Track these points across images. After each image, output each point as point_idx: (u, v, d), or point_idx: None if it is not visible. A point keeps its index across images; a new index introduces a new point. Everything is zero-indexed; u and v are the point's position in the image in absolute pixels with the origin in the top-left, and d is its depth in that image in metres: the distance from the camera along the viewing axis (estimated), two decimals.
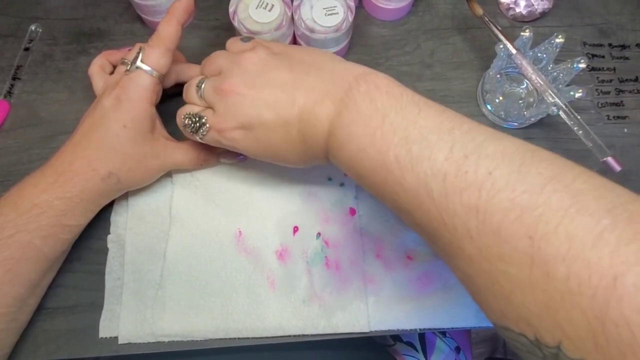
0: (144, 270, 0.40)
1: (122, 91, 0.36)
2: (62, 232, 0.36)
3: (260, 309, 0.39)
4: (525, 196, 0.22)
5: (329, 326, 0.39)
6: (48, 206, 0.34)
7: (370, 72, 0.32)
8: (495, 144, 0.25)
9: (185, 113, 0.36)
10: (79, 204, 0.36)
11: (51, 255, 0.36)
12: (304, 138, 0.32)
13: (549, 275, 0.21)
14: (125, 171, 0.37)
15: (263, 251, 0.41)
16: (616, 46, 0.50)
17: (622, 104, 0.48)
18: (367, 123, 0.28)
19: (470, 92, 0.48)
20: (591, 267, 0.20)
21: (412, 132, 0.27)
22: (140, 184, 0.40)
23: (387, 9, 0.48)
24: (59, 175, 0.35)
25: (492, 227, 0.23)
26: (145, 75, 0.36)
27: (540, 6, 0.49)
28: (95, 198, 0.37)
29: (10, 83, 0.46)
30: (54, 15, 0.50)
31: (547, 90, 0.41)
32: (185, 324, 0.39)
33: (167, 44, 0.37)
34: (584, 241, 0.20)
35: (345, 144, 0.30)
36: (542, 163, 0.24)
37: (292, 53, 0.34)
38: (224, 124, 0.34)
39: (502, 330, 0.24)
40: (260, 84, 0.32)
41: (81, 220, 0.37)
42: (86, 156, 0.36)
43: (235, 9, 0.43)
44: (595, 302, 0.19)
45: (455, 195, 0.24)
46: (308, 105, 0.31)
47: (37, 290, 0.37)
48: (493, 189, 0.23)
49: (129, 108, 0.36)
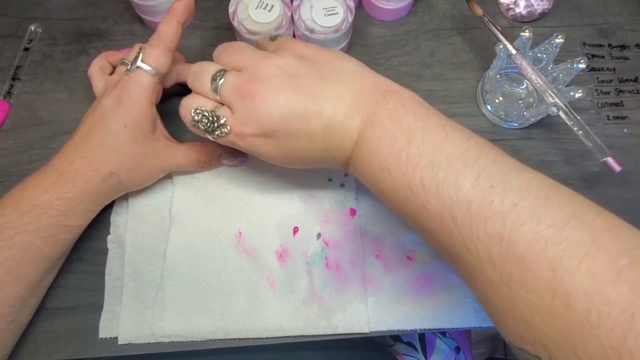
0: (144, 270, 0.40)
1: (122, 91, 0.36)
2: (63, 233, 0.36)
3: (260, 310, 0.39)
4: (550, 230, 0.23)
5: (328, 327, 0.39)
6: (49, 206, 0.34)
7: (397, 89, 0.32)
8: (520, 177, 0.26)
9: (197, 108, 0.33)
10: (79, 205, 0.36)
11: (52, 255, 0.36)
12: (327, 147, 0.32)
13: (570, 306, 0.22)
14: (126, 171, 0.37)
15: (263, 252, 0.41)
16: (616, 46, 0.50)
17: (622, 104, 0.48)
18: (393, 143, 0.28)
19: (470, 92, 0.48)
20: (611, 303, 0.21)
21: (438, 157, 0.27)
22: (141, 185, 0.40)
23: (386, 9, 0.48)
24: (59, 176, 0.35)
25: (516, 255, 0.24)
26: (145, 75, 0.36)
27: (540, 6, 0.49)
28: (96, 198, 0.37)
29: (10, 83, 0.46)
30: (54, 15, 0.50)
31: (547, 90, 0.41)
32: (185, 325, 0.39)
33: (168, 44, 0.36)
34: (605, 278, 0.22)
35: (369, 160, 0.30)
36: (563, 199, 0.25)
37: (320, 57, 0.33)
38: (246, 129, 0.32)
39: (517, 350, 0.25)
40: (290, 91, 0.31)
41: (82, 220, 0.37)
42: (87, 156, 0.35)
43: (235, 9, 0.43)
44: (614, 334, 0.21)
45: (479, 222, 0.25)
46: (336, 117, 0.31)
47: (37, 291, 0.37)
48: (518, 220, 0.24)
49: (130, 108, 0.36)
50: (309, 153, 0.32)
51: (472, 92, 0.48)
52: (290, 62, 0.32)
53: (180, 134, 0.43)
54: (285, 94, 0.31)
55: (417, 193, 0.27)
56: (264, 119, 0.31)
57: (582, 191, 0.44)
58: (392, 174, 0.28)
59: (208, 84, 0.33)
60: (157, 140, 0.38)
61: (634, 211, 0.44)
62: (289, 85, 0.31)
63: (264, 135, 0.32)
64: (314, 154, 0.33)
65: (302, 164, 0.34)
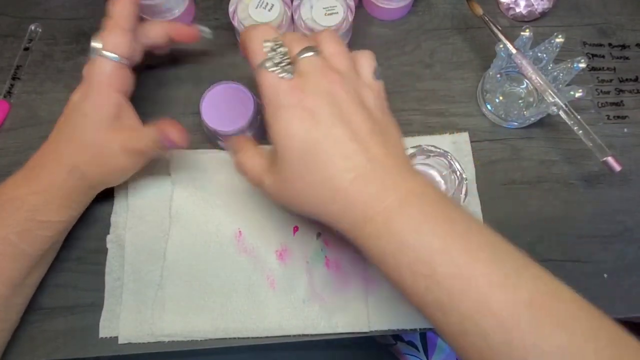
0: (144, 270, 0.40)
1: (85, 82, 0.36)
2: (40, 229, 0.35)
3: (260, 309, 0.39)
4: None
5: (329, 326, 0.39)
6: (22, 201, 0.34)
7: (419, 194, 0.28)
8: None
9: (272, 39, 0.30)
10: (50, 200, 0.35)
11: (32, 252, 0.35)
12: (353, 179, 0.28)
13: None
14: (87, 163, 0.36)
15: (263, 251, 0.41)
16: (616, 46, 0.50)
17: (622, 103, 0.48)
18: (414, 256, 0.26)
19: (470, 92, 0.48)
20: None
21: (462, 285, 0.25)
22: (112, 179, 0.39)
23: (387, 8, 0.48)
24: (30, 170, 0.36)
25: None
26: (105, 62, 0.35)
27: (540, 6, 0.49)
28: (65, 193, 0.36)
29: (10, 83, 0.46)
30: (54, 15, 0.50)
31: (547, 90, 0.41)
32: (185, 324, 0.39)
33: (122, 24, 0.35)
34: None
35: (379, 254, 0.28)
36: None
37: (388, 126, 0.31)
38: (303, 94, 0.29)
39: None
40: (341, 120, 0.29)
41: (58, 216, 0.36)
42: (54, 150, 0.36)
43: (235, 9, 0.43)
44: None
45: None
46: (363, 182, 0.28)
47: (23, 290, 0.36)
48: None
49: (92, 96, 0.35)
50: (332, 172, 0.28)
51: (472, 91, 0.48)
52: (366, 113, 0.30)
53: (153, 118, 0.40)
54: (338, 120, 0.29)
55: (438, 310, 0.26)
56: (326, 98, 0.29)
57: (582, 191, 0.44)
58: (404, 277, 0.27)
59: (296, 41, 0.31)
60: (121, 127, 0.36)
61: (634, 211, 0.44)
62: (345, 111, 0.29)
63: (309, 111, 0.28)
64: (336, 175, 0.28)
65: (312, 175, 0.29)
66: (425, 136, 0.45)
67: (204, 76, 0.47)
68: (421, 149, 0.41)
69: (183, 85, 0.47)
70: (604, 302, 0.25)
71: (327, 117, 0.28)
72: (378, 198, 0.27)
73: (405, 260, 0.26)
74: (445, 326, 0.26)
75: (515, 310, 0.23)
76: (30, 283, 0.37)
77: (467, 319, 0.24)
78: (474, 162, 0.44)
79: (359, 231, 0.28)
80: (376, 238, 0.27)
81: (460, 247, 0.26)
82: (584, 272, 0.42)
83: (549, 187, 0.44)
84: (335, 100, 0.29)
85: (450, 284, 0.25)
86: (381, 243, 0.27)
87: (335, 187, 0.28)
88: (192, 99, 0.45)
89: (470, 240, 0.26)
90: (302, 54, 0.30)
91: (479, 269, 0.25)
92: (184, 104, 0.46)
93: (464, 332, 0.25)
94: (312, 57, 0.30)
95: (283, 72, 0.29)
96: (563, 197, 0.44)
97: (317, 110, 0.28)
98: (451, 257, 0.25)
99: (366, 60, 0.33)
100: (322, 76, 0.29)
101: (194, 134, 0.45)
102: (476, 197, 0.43)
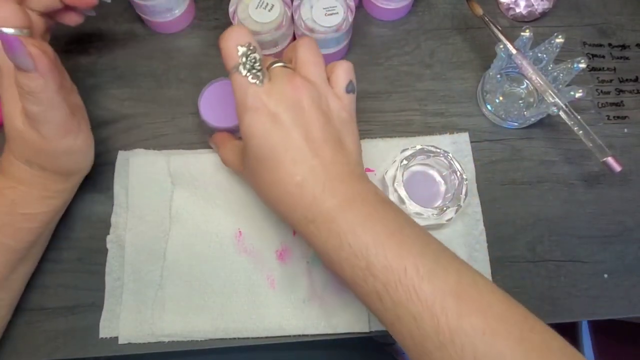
0: (144, 270, 0.40)
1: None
2: (21, 221, 0.35)
3: (261, 309, 0.39)
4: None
5: (329, 326, 0.39)
6: (0, 195, 0.35)
7: (358, 198, 0.31)
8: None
9: (247, 44, 0.31)
10: (27, 191, 0.35)
11: (17, 246, 0.35)
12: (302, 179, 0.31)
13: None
14: (35, 156, 0.35)
15: (263, 251, 0.41)
16: (616, 46, 0.50)
17: (622, 104, 0.48)
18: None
19: (470, 92, 0.48)
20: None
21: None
22: (68, 164, 0.37)
23: (387, 9, 0.48)
24: (1, 165, 0.36)
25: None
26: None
27: (540, 6, 0.49)
28: (40, 184, 0.36)
29: None
30: None
31: (547, 90, 0.41)
32: (185, 324, 0.39)
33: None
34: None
35: (322, 250, 0.30)
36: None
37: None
38: (267, 98, 0.30)
39: None
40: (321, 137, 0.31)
41: (40, 208, 0.36)
42: (7, 147, 0.35)
43: (235, 9, 0.43)
44: None
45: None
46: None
47: (10, 284, 0.36)
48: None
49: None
50: (281, 175, 0.31)
51: (472, 91, 0.48)
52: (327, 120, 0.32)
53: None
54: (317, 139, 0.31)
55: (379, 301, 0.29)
56: (289, 104, 0.30)
57: (582, 191, 0.44)
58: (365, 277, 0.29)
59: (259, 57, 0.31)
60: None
61: (634, 211, 0.44)
62: (323, 130, 0.31)
63: (272, 115, 0.30)
64: (284, 178, 0.31)
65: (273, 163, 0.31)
66: (425, 136, 0.45)
67: (204, 76, 0.47)
68: (421, 149, 0.41)
69: (183, 85, 0.47)
70: (604, 302, 0.25)
71: (286, 122, 0.30)
72: (318, 201, 0.30)
73: (344, 255, 0.29)
74: (382, 312, 0.29)
75: (441, 297, 0.27)
76: (17, 279, 0.37)
77: (399, 306, 0.27)
78: (474, 162, 0.44)
79: (304, 229, 0.31)
80: (318, 236, 0.30)
81: (392, 243, 0.28)
82: (584, 272, 0.42)
83: (549, 187, 0.44)
84: (297, 106, 0.31)
85: (384, 275, 0.28)
86: (322, 240, 0.30)
87: (283, 189, 0.31)
88: (192, 99, 0.45)
89: (402, 237, 0.29)
90: (274, 64, 0.32)
91: (410, 261, 0.28)
92: (183, 104, 0.46)
93: (398, 318, 0.28)
94: (282, 66, 0.32)
95: (254, 78, 0.30)
96: (563, 197, 0.44)
97: (279, 115, 0.30)
98: (384, 251, 0.28)
99: (342, 72, 0.34)
100: (288, 82, 0.31)
101: (194, 134, 0.45)
102: (476, 197, 0.43)
